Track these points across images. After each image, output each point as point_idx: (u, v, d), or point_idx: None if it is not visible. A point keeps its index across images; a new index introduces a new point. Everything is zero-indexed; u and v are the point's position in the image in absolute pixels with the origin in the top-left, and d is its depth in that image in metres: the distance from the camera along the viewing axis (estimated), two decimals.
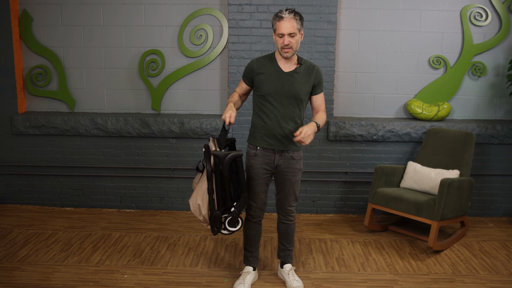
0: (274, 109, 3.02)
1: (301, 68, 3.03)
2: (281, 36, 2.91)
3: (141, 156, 4.62)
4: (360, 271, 3.48)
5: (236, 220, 2.95)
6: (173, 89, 4.66)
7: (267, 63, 3.05)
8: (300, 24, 2.93)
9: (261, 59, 3.09)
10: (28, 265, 3.50)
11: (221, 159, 2.81)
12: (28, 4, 4.56)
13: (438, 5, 4.46)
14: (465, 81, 4.58)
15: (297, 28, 2.91)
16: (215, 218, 2.89)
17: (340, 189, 4.60)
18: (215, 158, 2.82)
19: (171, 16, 4.53)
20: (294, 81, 3.00)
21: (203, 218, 2.94)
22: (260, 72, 3.04)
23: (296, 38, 2.92)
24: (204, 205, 2.91)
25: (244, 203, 2.96)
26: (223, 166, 2.81)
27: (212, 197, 2.87)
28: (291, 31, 2.88)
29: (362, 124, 4.43)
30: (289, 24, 2.88)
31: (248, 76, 3.10)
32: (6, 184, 4.73)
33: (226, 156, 2.81)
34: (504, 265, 3.59)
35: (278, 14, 2.91)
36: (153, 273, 3.42)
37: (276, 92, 3.00)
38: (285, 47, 2.92)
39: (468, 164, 4.05)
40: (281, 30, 2.89)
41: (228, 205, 2.93)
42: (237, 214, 2.93)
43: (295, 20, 2.89)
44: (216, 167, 2.81)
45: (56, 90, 4.70)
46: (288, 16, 2.88)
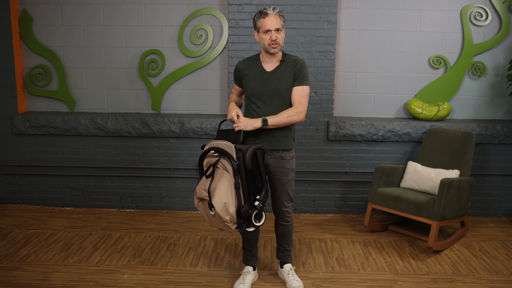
0: (259, 109, 3.03)
1: (283, 65, 3.02)
2: (267, 32, 2.92)
3: (141, 156, 4.62)
4: (360, 271, 3.48)
5: (261, 213, 2.88)
6: (173, 89, 4.66)
7: (251, 64, 3.07)
8: (283, 21, 2.98)
9: (246, 60, 3.12)
10: (28, 265, 3.50)
11: (244, 152, 2.80)
12: (28, 4, 4.56)
13: (438, 5, 4.45)
14: (465, 81, 4.58)
15: (282, 24, 2.95)
16: (244, 214, 2.79)
17: (340, 189, 4.60)
18: (238, 151, 2.81)
19: (171, 16, 4.53)
20: (275, 78, 3.00)
21: (230, 217, 2.79)
22: (245, 73, 3.07)
23: (282, 34, 2.96)
24: (231, 203, 2.78)
25: (266, 195, 2.92)
26: (246, 158, 2.80)
27: (239, 191, 2.79)
28: (277, 26, 2.91)
29: (362, 124, 4.43)
30: (275, 20, 2.91)
31: (237, 78, 3.16)
32: (6, 184, 4.73)
33: (248, 148, 2.82)
34: (504, 265, 3.59)
35: (263, 11, 2.94)
36: (153, 273, 3.42)
37: (259, 92, 3.01)
38: (273, 43, 2.92)
39: (468, 164, 4.04)
40: (267, 26, 2.91)
41: (251, 199, 2.87)
42: (261, 207, 2.87)
43: (279, 17, 2.94)
44: (239, 161, 2.80)
45: (56, 90, 4.70)
46: (273, 12, 2.92)
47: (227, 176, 2.81)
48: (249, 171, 2.82)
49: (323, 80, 4.41)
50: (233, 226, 2.84)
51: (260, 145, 2.89)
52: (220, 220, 2.81)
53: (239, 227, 2.84)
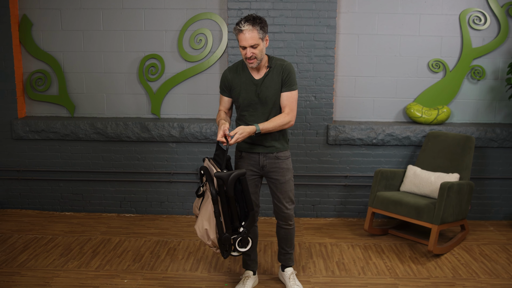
0: (253, 118, 2.99)
1: (271, 72, 2.96)
2: (243, 48, 2.84)
3: (140, 161, 4.61)
4: (361, 275, 3.48)
5: (246, 240, 2.80)
6: (172, 93, 4.66)
7: (239, 73, 3.00)
8: (263, 32, 2.82)
9: (233, 68, 3.03)
10: (28, 270, 3.50)
11: (225, 180, 2.67)
12: (28, 9, 4.57)
13: (437, 9, 4.47)
14: (464, 84, 4.59)
15: (260, 37, 2.81)
16: (225, 241, 2.73)
17: (340, 193, 4.60)
18: (219, 179, 2.69)
19: (171, 21, 4.55)
20: (264, 87, 2.95)
21: (212, 242, 2.78)
22: (234, 83, 3.00)
23: (260, 47, 2.83)
24: (212, 229, 2.75)
25: (252, 222, 2.83)
26: (228, 186, 2.68)
27: (219, 220, 2.72)
28: (252, 43, 2.79)
29: (361, 128, 4.43)
30: (249, 36, 2.78)
31: (226, 88, 3.05)
32: (5, 189, 4.72)
33: (230, 176, 2.68)
34: (504, 269, 3.58)
35: (237, 27, 2.81)
36: (153, 277, 3.42)
37: (250, 103, 2.97)
38: (249, 59, 2.86)
39: (467, 167, 4.05)
40: (242, 43, 2.81)
41: (236, 225, 2.80)
42: (246, 234, 2.79)
43: (256, 31, 2.78)
44: (220, 188, 2.69)
45: (56, 94, 4.71)
46: (247, 28, 2.77)
47: (210, 201, 2.76)
48: (231, 198, 2.72)
49: (322, 84, 4.42)
50: (216, 250, 2.83)
51: (244, 171, 2.75)
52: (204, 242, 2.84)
53: (222, 252, 2.80)
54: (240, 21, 2.81)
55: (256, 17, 2.82)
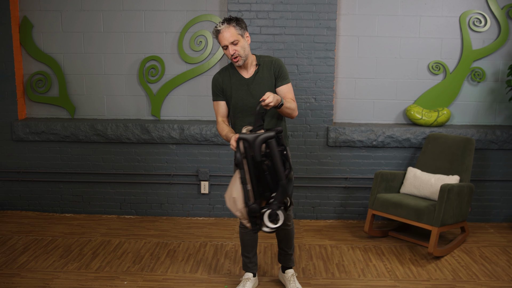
0: (248, 118, 2.96)
1: (261, 69, 2.98)
2: (225, 48, 2.86)
3: (140, 162, 4.62)
4: (360, 277, 3.47)
5: (275, 214, 2.53)
6: (173, 95, 4.66)
7: (229, 75, 3.00)
8: (240, 29, 2.86)
9: (222, 71, 3.03)
10: (28, 271, 3.50)
11: (251, 142, 2.45)
12: (28, 11, 4.58)
13: (437, 11, 4.47)
14: (465, 86, 4.59)
15: (239, 33, 2.85)
16: (251, 212, 2.52)
17: (340, 195, 4.60)
18: (244, 141, 2.48)
19: (171, 23, 4.55)
20: (256, 84, 2.96)
21: (240, 213, 2.63)
22: (225, 84, 3.00)
23: (241, 43, 2.86)
24: (239, 198, 2.62)
25: (283, 193, 2.53)
26: (254, 149, 2.46)
27: (246, 188, 2.53)
28: (231, 40, 2.83)
29: (361, 129, 4.43)
30: (227, 34, 2.83)
31: (219, 91, 3.02)
32: (5, 191, 4.73)
33: (257, 138, 2.45)
34: (504, 271, 3.58)
35: (214, 29, 2.87)
36: (153, 279, 3.41)
37: (243, 104, 2.96)
38: (233, 57, 2.87)
39: (468, 169, 4.05)
40: (223, 42, 2.85)
41: (267, 195, 2.57)
42: (277, 206, 2.53)
43: (233, 27, 2.84)
44: (246, 152, 2.48)
45: (56, 96, 4.71)
46: (224, 27, 2.83)
47: None
48: (259, 163, 2.49)
49: (322, 86, 4.42)
50: (247, 223, 2.68)
51: (273, 133, 2.52)
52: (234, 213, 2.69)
53: (252, 225, 2.62)
54: (217, 25, 2.87)
55: (231, 17, 2.88)
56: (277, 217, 2.56)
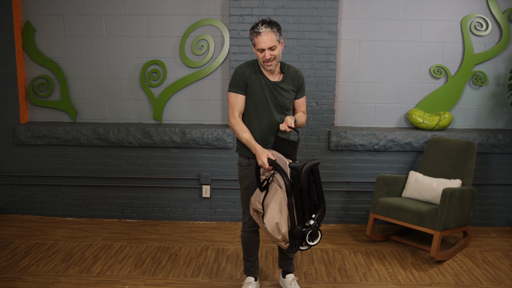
0: (264, 119, 2.98)
1: (286, 77, 3.00)
2: (261, 51, 2.84)
3: (142, 166, 4.62)
4: (362, 282, 3.46)
5: (316, 233, 2.73)
6: (174, 99, 4.67)
7: (254, 72, 2.96)
8: (279, 35, 2.86)
9: (249, 66, 2.97)
10: (29, 275, 3.49)
11: (299, 171, 2.62)
12: (31, 16, 4.59)
13: (438, 15, 4.48)
14: (466, 90, 4.59)
15: (277, 39, 2.84)
16: (297, 234, 2.67)
17: (342, 199, 4.59)
18: (293, 170, 2.63)
19: (173, 27, 4.56)
20: (282, 91, 2.97)
21: (282, 236, 2.71)
22: (251, 81, 2.96)
23: (277, 50, 2.86)
24: (283, 223, 2.69)
25: (323, 214, 2.74)
26: (302, 177, 2.63)
27: (292, 212, 2.66)
28: (270, 45, 2.82)
29: (363, 133, 4.43)
30: (267, 38, 2.81)
31: (243, 83, 2.94)
32: (7, 194, 4.73)
33: (304, 167, 2.63)
34: (507, 275, 3.56)
35: (255, 30, 2.83)
36: (154, 283, 3.41)
37: (266, 104, 2.95)
38: (267, 61, 2.86)
39: (470, 173, 4.04)
40: (260, 45, 2.82)
41: (306, 218, 2.74)
42: (317, 227, 2.72)
43: (273, 33, 2.82)
44: (294, 179, 2.64)
45: (58, 100, 4.72)
46: (265, 30, 2.80)
47: (280, 193, 2.71)
48: (304, 190, 2.66)
49: (324, 90, 4.43)
50: (285, 245, 2.76)
51: (317, 161, 2.71)
52: (272, 237, 2.76)
53: (291, 246, 2.75)
54: (257, 24, 2.84)
55: (271, 20, 2.86)
56: (317, 235, 2.76)
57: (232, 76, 2.98)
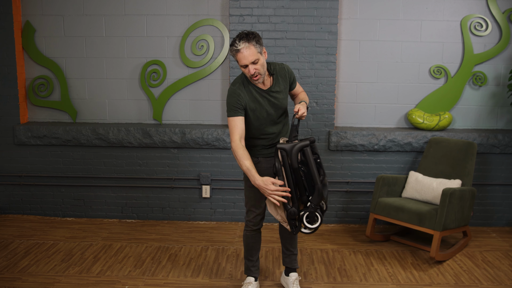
0: (272, 128, 3.00)
1: (276, 78, 2.97)
2: (245, 66, 2.78)
3: (142, 166, 4.62)
4: (362, 282, 3.46)
5: (314, 215, 2.72)
6: (174, 99, 4.67)
7: (246, 88, 2.91)
8: (259, 46, 2.77)
9: (240, 86, 2.92)
10: (29, 275, 3.49)
11: (288, 151, 2.69)
12: (31, 16, 4.59)
13: (438, 16, 4.48)
14: (466, 90, 4.59)
15: (258, 51, 2.76)
16: (291, 215, 2.71)
17: (342, 199, 4.59)
18: (282, 151, 2.70)
19: (173, 27, 4.56)
20: (276, 94, 2.97)
21: (281, 217, 2.79)
22: (248, 100, 2.92)
23: (261, 62, 2.79)
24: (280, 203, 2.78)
25: (319, 196, 2.71)
26: (291, 158, 2.68)
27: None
28: (252, 59, 2.74)
29: (363, 133, 4.43)
30: (248, 53, 2.73)
31: (240, 105, 2.88)
32: (7, 194, 4.73)
33: (293, 148, 2.69)
34: (507, 276, 3.56)
35: (233, 47, 2.75)
36: (154, 283, 3.41)
37: (267, 113, 2.95)
38: (253, 76, 2.81)
39: (470, 173, 4.04)
40: (242, 61, 2.76)
41: (304, 199, 2.77)
42: (314, 208, 2.71)
43: (253, 46, 2.74)
44: (284, 160, 2.70)
45: (58, 100, 4.72)
46: (244, 46, 2.72)
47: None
48: (296, 170, 2.69)
49: (324, 90, 4.43)
50: (287, 226, 2.82)
51: (307, 142, 2.73)
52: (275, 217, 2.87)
53: (291, 228, 2.79)
54: (234, 40, 2.76)
55: (248, 32, 2.77)
56: (315, 218, 2.74)
57: (227, 101, 2.91)
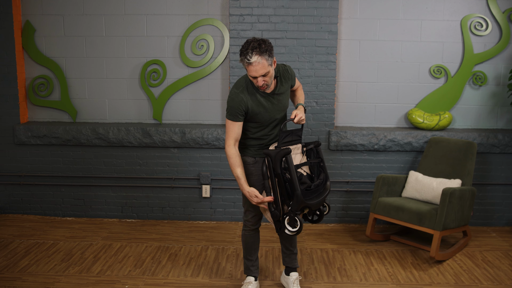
0: (272, 130, 3.02)
1: (280, 81, 2.98)
2: (254, 77, 2.77)
3: (142, 166, 4.62)
4: (362, 281, 3.46)
5: (293, 219, 2.81)
6: (174, 99, 4.67)
7: (250, 92, 2.89)
8: (270, 59, 2.76)
9: (244, 89, 2.90)
10: (29, 275, 3.49)
11: (272, 157, 2.82)
12: (31, 15, 4.59)
13: (438, 15, 4.48)
14: (466, 90, 4.59)
15: (268, 64, 2.75)
16: (274, 217, 2.88)
17: (342, 198, 4.59)
18: (267, 156, 2.85)
19: (173, 27, 4.56)
20: (279, 96, 2.98)
21: (269, 218, 2.97)
22: (251, 105, 2.89)
23: (270, 73, 2.78)
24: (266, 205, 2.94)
25: (297, 202, 2.78)
26: (274, 163, 2.81)
27: (269, 195, 2.88)
28: (263, 73, 2.74)
29: (363, 133, 4.43)
30: (259, 67, 2.71)
31: (242, 111, 2.88)
32: (7, 194, 4.73)
33: (276, 154, 2.81)
34: (507, 275, 3.56)
35: (246, 59, 2.71)
36: (154, 283, 3.41)
37: (270, 117, 2.96)
38: (261, 87, 2.83)
39: (469, 173, 4.04)
40: (252, 73, 2.75)
41: (287, 203, 2.87)
42: (293, 213, 2.80)
43: (264, 59, 2.71)
44: (269, 165, 2.84)
45: (58, 100, 4.72)
46: (256, 60, 2.69)
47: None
48: (278, 175, 2.82)
49: (324, 90, 4.43)
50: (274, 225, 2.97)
51: (289, 150, 2.79)
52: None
53: (276, 228, 2.94)
54: (247, 52, 2.71)
55: (261, 43, 2.72)
56: (295, 222, 2.82)
57: (229, 104, 2.89)
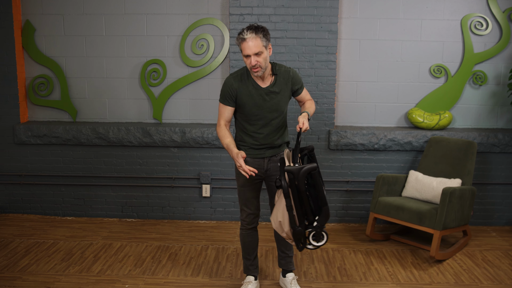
0: (261, 128, 2.98)
1: (278, 79, 2.96)
2: (247, 57, 2.80)
3: (142, 166, 4.62)
4: (362, 281, 3.46)
5: (320, 234, 2.78)
6: (174, 98, 4.67)
7: (243, 81, 2.93)
8: (265, 40, 2.81)
9: (237, 76, 2.96)
10: (29, 274, 3.50)
11: (295, 174, 2.67)
12: (31, 15, 4.59)
13: (438, 15, 4.47)
14: (466, 90, 4.58)
15: (263, 45, 2.79)
16: (298, 235, 2.76)
17: (342, 198, 4.59)
18: (289, 173, 2.69)
19: (173, 26, 4.56)
20: (274, 95, 2.95)
21: (286, 235, 2.82)
22: (240, 93, 2.93)
23: (264, 55, 2.81)
24: (285, 222, 2.78)
25: (326, 217, 2.77)
26: (299, 181, 2.68)
27: (292, 213, 2.74)
28: (256, 51, 2.77)
29: (363, 133, 4.43)
30: (252, 44, 2.76)
31: (230, 96, 2.94)
32: (7, 194, 4.73)
33: (300, 171, 2.67)
34: (507, 275, 3.56)
35: (240, 36, 2.79)
36: (154, 282, 3.41)
37: (259, 112, 2.94)
38: (254, 68, 2.83)
39: (470, 173, 4.04)
40: (245, 51, 2.78)
41: (311, 219, 2.80)
42: (320, 228, 2.77)
43: (259, 38, 2.77)
44: (291, 182, 2.70)
45: (58, 99, 4.72)
46: (250, 36, 2.76)
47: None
48: (303, 192, 2.71)
49: (324, 89, 4.43)
50: (292, 242, 2.84)
51: (315, 165, 2.71)
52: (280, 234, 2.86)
53: (297, 245, 2.82)
54: (242, 30, 2.80)
55: (258, 26, 2.83)
56: (321, 236, 2.80)
57: (222, 88, 2.99)
